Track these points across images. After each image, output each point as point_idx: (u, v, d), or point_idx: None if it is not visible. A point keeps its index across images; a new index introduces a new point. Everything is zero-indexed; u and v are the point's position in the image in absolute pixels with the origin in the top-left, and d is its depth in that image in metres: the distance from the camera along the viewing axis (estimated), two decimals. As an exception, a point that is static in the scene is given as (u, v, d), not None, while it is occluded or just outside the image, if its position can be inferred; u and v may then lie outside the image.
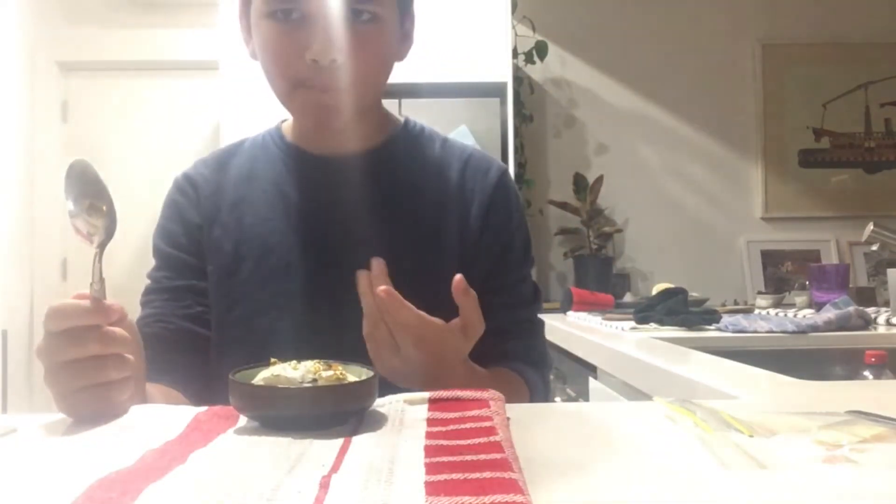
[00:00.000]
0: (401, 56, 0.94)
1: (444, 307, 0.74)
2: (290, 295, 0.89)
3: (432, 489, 0.41)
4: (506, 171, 1.00)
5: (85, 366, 0.60)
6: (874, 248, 1.76)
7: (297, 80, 0.85)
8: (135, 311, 0.90)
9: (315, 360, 0.63)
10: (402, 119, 1.01)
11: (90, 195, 0.64)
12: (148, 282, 0.95)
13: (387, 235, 0.91)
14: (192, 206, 0.95)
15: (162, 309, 0.91)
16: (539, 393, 0.95)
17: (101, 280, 0.62)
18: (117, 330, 0.62)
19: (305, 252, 0.90)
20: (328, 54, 0.82)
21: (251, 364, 0.66)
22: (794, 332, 1.51)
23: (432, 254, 0.92)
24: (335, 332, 0.87)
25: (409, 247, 0.91)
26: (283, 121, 1.01)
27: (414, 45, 0.98)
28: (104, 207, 0.64)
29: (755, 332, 1.54)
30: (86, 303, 0.60)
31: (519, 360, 0.93)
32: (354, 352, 0.84)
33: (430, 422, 0.58)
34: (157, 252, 0.95)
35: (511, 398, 0.87)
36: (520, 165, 2.95)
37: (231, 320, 0.91)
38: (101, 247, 0.64)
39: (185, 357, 0.89)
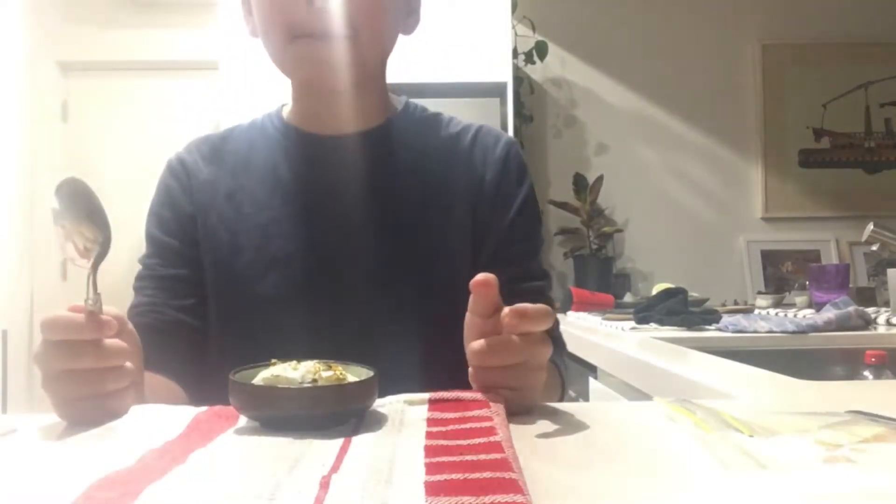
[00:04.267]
0: (407, 29, 0.91)
1: (459, 292, 0.68)
2: (291, 286, 0.87)
3: (432, 489, 0.41)
4: (514, 143, 0.96)
5: (81, 376, 0.59)
6: (874, 248, 1.76)
7: (294, 27, 0.81)
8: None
9: (315, 361, 0.63)
10: (403, 100, 0.98)
11: (84, 211, 0.62)
12: (140, 267, 0.92)
13: (393, 219, 0.88)
14: (184, 192, 0.92)
15: (155, 298, 0.88)
16: (566, 378, 0.91)
17: (97, 294, 0.60)
18: (115, 342, 0.61)
19: (307, 240, 0.88)
20: None
21: (252, 364, 0.66)
22: (794, 332, 1.51)
23: (443, 237, 0.89)
24: (338, 323, 0.86)
25: (417, 230, 0.88)
26: (284, 105, 0.97)
27: (414, 44, 0.96)
28: (100, 222, 0.63)
29: (755, 332, 1.54)
30: (80, 317, 0.59)
31: None
32: (357, 340, 0.84)
33: (431, 422, 0.58)
34: (149, 237, 0.93)
35: (551, 390, 0.83)
36: (520, 165, 2.94)
37: (231, 313, 0.88)
38: (96, 263, 0.62)
39: (180, 348, 0.87)
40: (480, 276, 0.63)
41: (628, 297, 2.58)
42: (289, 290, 0.87)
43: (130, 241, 2.86)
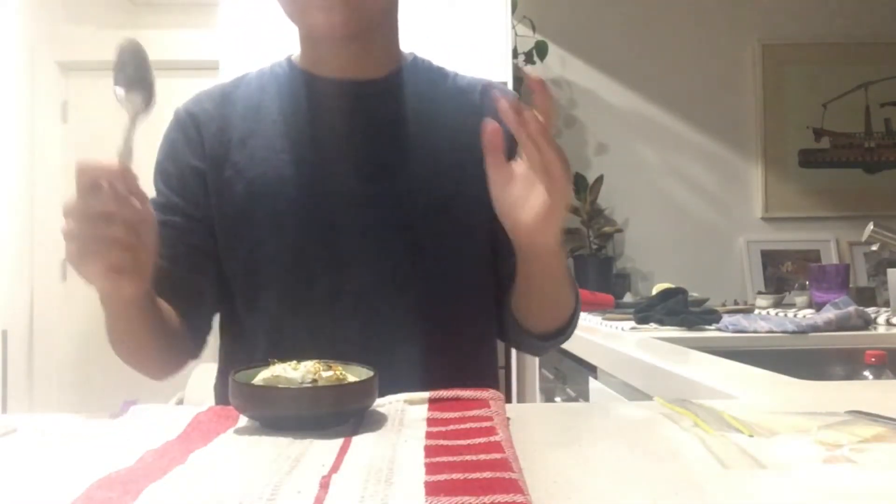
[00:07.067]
0: None
1: (472, 235, 0.74)
2: (310, 227, 0.88)
3: (432, 489, 0.41)
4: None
5: (98, 220, 0.64)
6: (874, 248, 1.76)
7: None
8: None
9: (315, 361, 0.63)
10: (411, 54, 1.00)
11: (139, 70, 0.73)
12: None
13: (406, 163, 0.90)
14: (190, 147, 0.92)
15: None
16: (579, 298, 0.97)
17: (130, 148, 0.68)
18: (131, 198, 0.66)
19: (324, 183, 0.89)
20: None
21: (252, 364, 0.66)
22: (794, 332, 1.51)
23: (454, 180, 0.90)
24: (360, 263, 0.88)
25: (429, 174, 0.90)
26: (291, 55, 0.97)
27: (414, 44, 0.97)
28: (146, 85, 0.72)
29: (755, 332, 1.54)
30: (114, 163, 0.66)
31: None
32: (379, 281, 0.87)
33: (430, 422, 0.58)
34: (154, 185, 0.94)
35: (570, 288, 0.91)
36: (520, 165, 2.93)
37: (255, 259, 0.89)
38: (135, 117, 0.71)
39: (164, 294, 0.87)
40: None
41: (628, 297, 2.58)
42: (308, 232, 0.88)
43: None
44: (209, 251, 0.91)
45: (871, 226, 1.73)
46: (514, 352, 2.33)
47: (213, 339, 0.98)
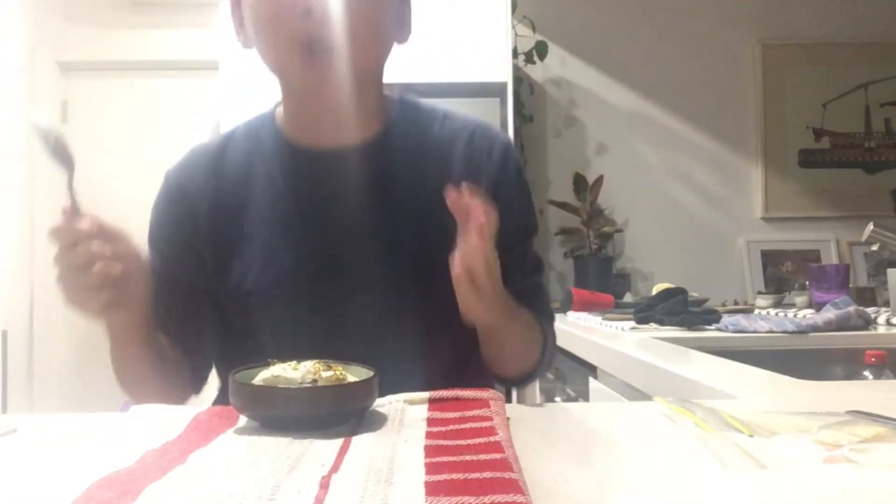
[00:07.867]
0: (401, 38, 0.92)
1: (454, 300, 0.74)
2: (295, 299, 0.89)
3: (432, 489, 0.41)
4: (509, 146, 0.98)
5: (74, 269, 0.73)
6: (874, 248, 1.76)
7: (291, 39, 0.81)
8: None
9: (315, 361, 0.63)
10: (397, 100, 0.97)
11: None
12: None
13: (389, 230, 0.90)
14: (182, 223, 0.93)
15: None
16: (550, 342, 0.98)
17: (75, 200, 0.76)
18: (95, 243, 0.73)
19: (309, 254, 0.89)
20: (322, 2, 0.79)
21: (252, 364, 0.66)
22: (794, 332, 1.51)
23: (437, 244, 0.88)
24: (341, 333, 0.88)
25: (412, 240, 0.90)
26: (278, 104, 0.96)
27: (414, 44, 0.97)
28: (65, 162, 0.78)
29: (755, 332, 1.54)
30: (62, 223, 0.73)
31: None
32: (362, 351, 0.85)
33: (430, 422, 0.58)
34: (147, 246, 0.96)
35: (531, 343, 0.93)
36: (520, 165, 2.94)
37: (240, 331, 0.91)
38: (69, 184, 0.77)
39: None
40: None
41: (628, 297, 2.58)
42: (293, 304, 0.89)
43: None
44: (203, 296, 0.94)
45: (871, 226, 1.73)
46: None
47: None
